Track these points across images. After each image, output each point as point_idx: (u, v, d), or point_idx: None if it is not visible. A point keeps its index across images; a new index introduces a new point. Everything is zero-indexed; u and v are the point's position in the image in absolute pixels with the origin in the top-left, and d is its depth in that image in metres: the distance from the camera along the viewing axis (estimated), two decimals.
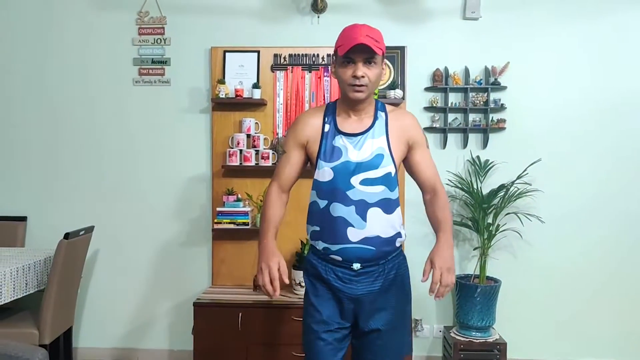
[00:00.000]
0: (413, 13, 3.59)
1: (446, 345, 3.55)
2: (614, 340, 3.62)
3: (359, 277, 1.98)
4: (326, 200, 1.97)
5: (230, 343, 3.23)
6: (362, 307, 2.01)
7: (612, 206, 3.59)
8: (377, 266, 1.98)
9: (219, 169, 3.60)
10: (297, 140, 2.03)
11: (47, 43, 3.72)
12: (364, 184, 1.93)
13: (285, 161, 2.06)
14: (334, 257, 1.98)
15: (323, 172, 1.96)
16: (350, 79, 1.89)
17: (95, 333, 3.77)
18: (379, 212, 1.94)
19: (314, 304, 2.03)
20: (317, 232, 2.01)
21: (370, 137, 1.96)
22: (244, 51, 3.59)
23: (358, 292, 1.98)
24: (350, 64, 1.89)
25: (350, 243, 1.94)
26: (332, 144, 1.97)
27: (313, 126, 2.02)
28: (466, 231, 3.61)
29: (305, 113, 2.11)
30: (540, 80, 3.57)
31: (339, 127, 1.99)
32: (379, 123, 1.99)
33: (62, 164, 3.75)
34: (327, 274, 2.00)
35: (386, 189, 1.95)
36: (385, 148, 1.96)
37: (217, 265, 3.66)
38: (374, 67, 1.91)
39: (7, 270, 2.91)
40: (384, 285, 2.00)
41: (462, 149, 3.62)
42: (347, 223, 1.93)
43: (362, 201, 1.93)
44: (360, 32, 1.86)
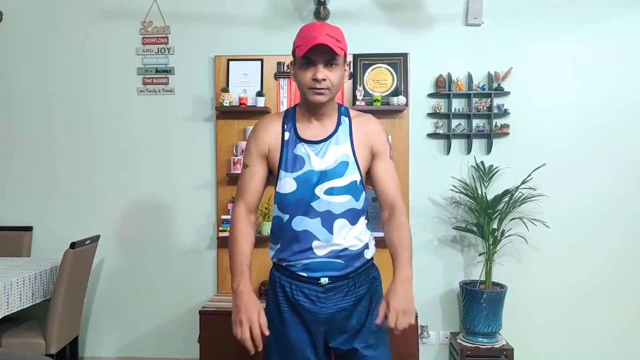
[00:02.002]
0: (415, 20, 3.60)
1: (453, 352, 3.54)
2: (623, 346, 3.59)
3: (328, 293, 1.83)
4: (289, 214, 1.83)
5: (236, 352, 3.19)
6: (333, 327, 1.86)
7: (618, 210, 3.57)
8: (346, 280, 1.84)
9: (224, 177, 3.61)
10: (259, 151, 1.87)
11: (52, 53, 3.74)
12: (329, 194, 1.80)
13: (249, 176, 1.88)
14: (300, 273, 1.84)
15: (285, 183, 1.82)
16: (310, 82, 1.76)
17: (102, 342, 3.77)
18: (345, 223, 1.82)
19: (279, 327, 1.87)
20: (279, 249, 1.87)
21: (333, 143, 1.83)
22: (247, 59, 3.60)
23: (328, 310, 1.83)
24: (310, 65, 1.76)
25: (316, 257, 1.81)
26: (293, 153, 1.83)
27: (272, 134, 1.86)
28: (471, 237, 3.60)
29: (263, 120, 1.94)
30: (543, 85, 3.57)
31: (300, 134, 1.85)
32: (342, 128, 1.85)
33: (67, 173, 3.76)
34: (293, 292, 1.85)
35: (352, 199, 1.83)
36: (350, 155, 1.83)
37: (223, 273, 3.65)
38: (336, 69, 1.77)
39: (14, 280, 2.91)
40: (355, 300, 1.86)
41: (466, 154, 3.62)
42: (312, 237, 1.80)
43: (328, 212, 1.80)
44: (320, 31, 1.73)
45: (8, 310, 2.88)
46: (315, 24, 1.81)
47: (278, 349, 1.90)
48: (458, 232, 3.60)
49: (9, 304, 2.88)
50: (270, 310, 1.91)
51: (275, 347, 1.91)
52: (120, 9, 3.69)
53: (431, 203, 3.59)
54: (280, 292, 1.89)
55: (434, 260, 3.65)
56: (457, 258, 3.64)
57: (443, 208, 3.61)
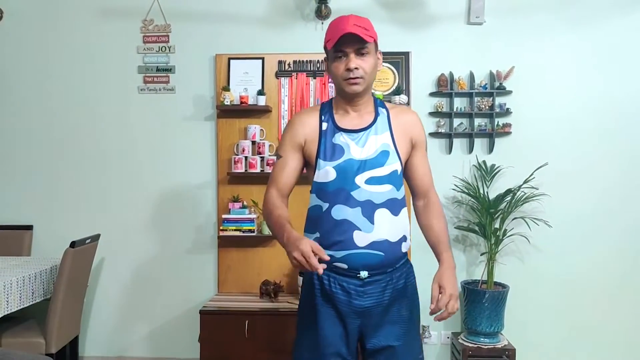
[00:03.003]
0: (417, 18, 3.59)
1: (454, 352, 3.53)
2: (625, 346, 3.58)
3: (366, 287, 1.81)
4: (328, 203, 1.81)
5: (237, 351, 3.21)
6: (369, 321, 1.84)
7: (620, 210, 3.56)
8: (384, 274, 1.83)
9: (225, 176, 3.60)
10: (294, 142, 1.88)
11: (52, 51, 3.73)
12: (370, 183, 1.79)
13: (282, 165, 1.89)
14: (338, 265, 1.80)
15: (324, 172, 1.81)
16: (344, 72, 1.78)
17: (102, 342, 3.76)
18: (386, 213, 1.80)
19: (313, 321, 1.86)
20: (317, 239, 1.82)
21: (373, 133, 1.83)
22: (248, 58, 3.59)
23: (365, 304, 1.82)
24: (342, 57, 1.78)
25: (357, 248, 1.78)
26: (332, 142, 1.83)
27: (310, 125, 1.87)
28: (473, 236, 3.59)
29: (300, 113, 1.97)
30: (545, 84, 3.56)
31: (338, 123, 1.85)
32: (380, 119, 1.86)
33: (68, 172, 3.75)
34: (331, 285, 1.83)
35: (393, 188, 1.82)
36: (390, 144, 1.84)
37: (223, 272, 3.65)
38: (368, 57, 1.80)
39: (14, 279, 2.90)
40: (393, 295, 1.85)
41: (468, 153, 3.60)
42: (353, 226, 1.78)
43: (369, 202, 1.78)
44: (348, 22, 1.76)
45: (8, 309, 2.87)
46: (342, 17, 1.81)
47: (309, 343, 1.88)
48: (460, 231, 3.59)
49: (8, 303, 2.87)
50: (304, 305, 1.92)
51: (306, 341, 1.89)
52: (121, 7, 3.68)
53: None
54: (317, 285, 1.87)
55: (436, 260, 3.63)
56: (459, 258, 3.63)
57: (445, 207, 3.56)
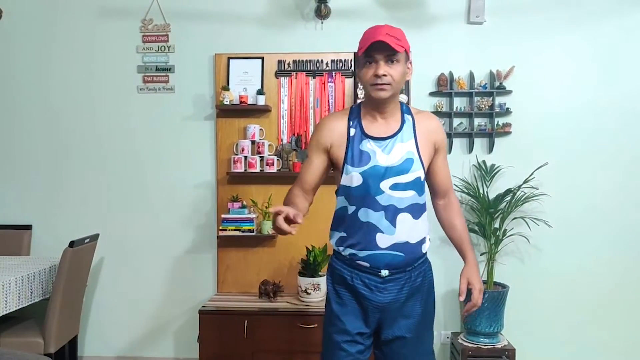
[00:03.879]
0: (417, 18, 3.58)
1: (454, 352, 3.52)
2: (625, 346, 3.58)
3: (386, 284, 1.94)
4: (355, 206, 1.93)
5: (236, 351, 3.21)
6: (388, 315, 1.98)
7: (621, 209, 3.55)
8: (404, 273, 1.96)
9: (224, 175, 3.59)
10: (320, 146, 1.98)
11: (51, 51, 3.73)
12: (394, 189, 1.90)
13: (307, 166, 2.02)
14: (361, 263, 1.94)
15: (351, 177, 1.92)
16: (372, 78, 1.85)
17: (101, 341, 3.76)
18: (408, 217, 1.92)
19: (337, 312, 2.00)
20: (343, 237, 1.98)
21: (399, 140, 1.92)
22: (248, 57, 3.59)
23: (385, 300, 1.95)
24: (372, 63, 1.86)
25: (379, 249, 1.91)
26: (359, 149, 1.92)
27: (337, 130, 1.96)
28: (473, 236, 3.58)
29: (329, 117, 2.06)
30: (545, 84, 3.55)
31: (366, 130, 1.94)
32: (406, 126, 1.95)
33: (67, 172, 3.75)
34: (354, 280, 1.96)
35: (416, 194, 1.94)
36: (414, 152, 1.92)
37: (223, 272, 3.64)
38: (397, 66, 1.86)
39: (12, 279, 2.90)
40: (410, 292, 1.98)
41: (468, 153, 3.60)
42: (376, 229, 1.90)
43: (392, 206, 1.90)
44: (380, 32, 1.83)
45: (7, 309, 2.87)
46: (377, 26, 1.89)
47: (333, 331, 2.00)
48: None
49: (7, 302, 2.87)
50: (330, 297, 2.04)
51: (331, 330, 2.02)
52: (121, 7, 3.67)
53: None
54: (340, 281, 2.00)
55: (435, 259, 3.57)
56: (459, 258, 3.58)
57: None
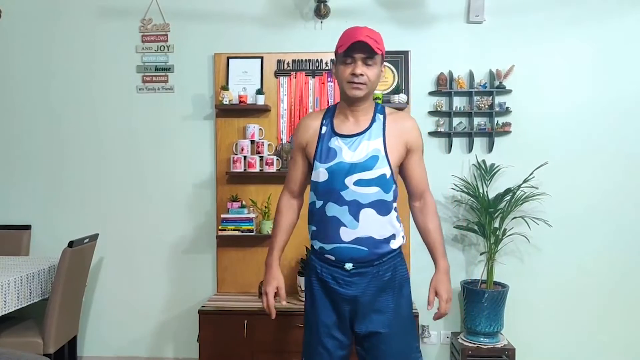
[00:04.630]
0: (417, 17, 3.58)
1: (454, 352, 3.52)
2: (625, 346, 3.57)
3: (353, 277, 2.02)
4: (322, 200, 2.02)
5: (235, 351, 3.21)
6: (358, 308, 2.04)
7: (621, 209, 3.55)
8: (371, 267, 2.01)
9: (223, 175, 3.59)
10: (298, 145, 2.11)
11: (50, 51, 3.72)
12: (358, 185, 1.96)
13: (292, 166, 2.15)
14: (328, 256, 2.03)
15: (318, 173, 2.02)
16: (349, 76, 1.93)
17: (100, 342, 3.75)
18: (372, 213, 1.98)
19: (311, 305, 2.11)
20: (314, 231, 2.08)
21: (366, 138, 1.99)
22: (247, 57, 3.58)
23: (352, 293, 2.02)
24: (350, 63, 1.93)
25: (342, 243, 1.99)
26: (328, 145, 2.02)
27: (311, 129, 2.07)
28: (472, 236, 3.58)
29: (306, 117, 2.16)
30: (545, 83, 3.55)
31: (335, 128, 2.03)
32: (376, 125, 2.01)
33: (66, 172, 3.74)
34: (323, 274, 2.06)
35: (380, 191, 1.98)
36: (381, 150, 1.98)
37: (222, 272, 3.64)
38: (374, 67, 1.94)
39: (11, 279, 2.89)
40: (379, 286, 2.03)
41: (468, 153, 3.60)
42: (340, 223, 1.98)
43: (355, 201, 1.97)
44: (361, 32, 1.91)
45: (6, 309, 2.86)
46: (357, 27, 1.96)
47: (309, 324, 2.13)
48: (459, 231, 3.58)
49: (6, 303, 2.86)
50: (306, 292, 2.15)
51: (308, 327, 2.14)
52: (120, 6, 3.67)
53: None
54: (313, 273, 2.10)
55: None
56: (459, 257, 3.62)
57: (444, 207, 3.59)
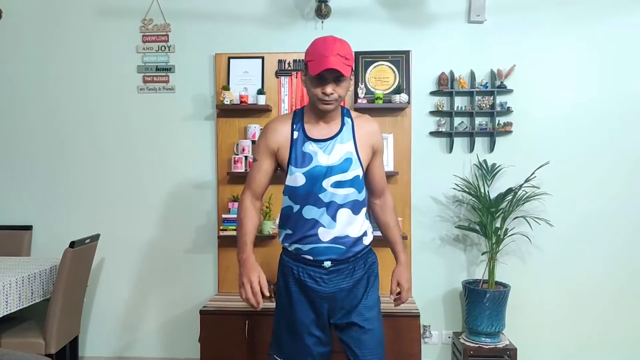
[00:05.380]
0: (417, 17, 3.57)
1: (455, 352, 3.52)
2: (627, 345, 3.57)
3: (330, 275, 2.08)
4: (299, 205, 2.06)
5: (237, 351, 3.20)
6: (335, 304, 2.11)
7: (623, 208, 3.54)
8: (347, 264, 2.10)
9: (225, 175, 3.59)
10: (267, 148, 2.10)
11: (51, 51, 3.72)
12: (335, 187, 2.03)
13: (257, 169, 2.13)
14: (305, 256, 2.08)
15: (295, 178, 2.05)
16: (320, 94, 1.98)
17: (102, 342, 3.75)
18: (347, 212, 2.06)
19: (287, 304, 2.14)
20: (289, 234, 2.11)
21: (339, 142, 2.06)
22: (248, 57, 3.58)
23: (329, 290, 2.09)
24: (320, 81, 1.97)
25: (321, 243, 2.05)
26: (302, 150, 2.05)
27: (282, 133, 2.09)
28: (474, 236, 3.58)
29: (274, 121, 2.17)
30: (546, 83, 3.54)
31: (308, 133, 2.07)
32: (346, 129, 2.08)
33: (67, 172, 3.74)
34: (300, 274, 2.10)
35: (355, 191, 2.07)
36: (353, 152, 2.06)
37: (223, 272, 3.63)
38: (344, 83, 1.99)
39: (13, 280, 2.90)
40: (355, 281, 2.11)
41: (469, 152, 3.59)
42: (318, 224, 2.04)
43: (333, 203, 2.04)
44: (332, 51, 1.92)
45: (7, 309, 2.86)
46: (327, 41, 1.97)
47: (286, 324, 2.16)
48: (461, 231, 3.58)
49: (8, 303, 2.86)
50: (280, 290, 2.19)
51: (284, 322, 2.17)
52: (121, 7, 3.67)
53: (433, 202, 3.57)
54: (289, 274, 2.14)
55: (437, 259, 3.63)
56: (460, 257, 3.62)
57: (445, 207, 3.59)
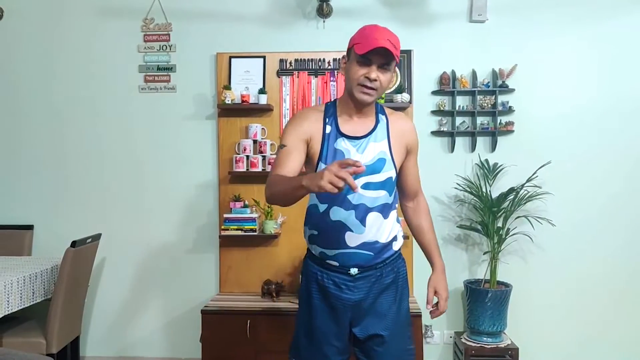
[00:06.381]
0: (419, 16, 3.57)
1: (457, 351, 3.51)
2: (630, 345, 3.56)
3: (357, 282, 1.94)
4: (326, 204, 1.91)
5: (238, 351, 3.20)
6: (359, 313, 1.97)
7: (625, 207, 3.54)
8: (374, 270, 1.95)
9: (226, 175, 3.58)
10: (299, 135, 1.89)
11: (52, 50, 3.72)
12: (366, 188, 1.88)
13: (286, 154, 1.86)
14: (330, 262, 1.94)
15: None
16: (362, 78, 1.82)
17: (103, 342, 3.75)
18: (378, 216, 1.91)
19: (308, 313, 2.01)
20: (314, 235, 1.97)
21: (372, 140, 1.91)
22: (249, 57, 3.58)
23: (355, 297, 1.94)
24: (366, 64, 1.82)
25: (348, 248, 1.91)
26: (334, 147, 1.90)
27: (316, 124, 1.91)
28: (476, 235, 3.57)
29: (306, 110, 2.01)
30: (548, 82, 3.54)
31: (341, 129, 1.92)
32: (380, 126, 1.94)
33: (69, 172, 3.74)
34: (324, 280, 1.96)
35: (387, 194, 1.92)
36: (387, 152, 1.92)
37: (225, 272, 3.63)
38: (388, 73, 1.85)
39: (14, 279, 2.89)
40: (381, 289, 1.97)
41: (471, 152, 3.59)
42: (345, 227, 1.89)
43: (363, 205, 1.89)
44: (382, 35, 1.80)
45: (9, 309, 2.86)
46: (378, 27, 1.85)
47: (305, 330, 2.03)
48: (462, 230, 3.57)
49: (9, 303, 2.86)
50: (302, 298, 2.05)
51: (303, 328, 2.04)
52: (122, 6, 3.67)
53: (435, 201, 3.56)
54: (312, 280, 2.00)
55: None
56: (462, 257, 3.61)
57: (447, 206, 3.58)
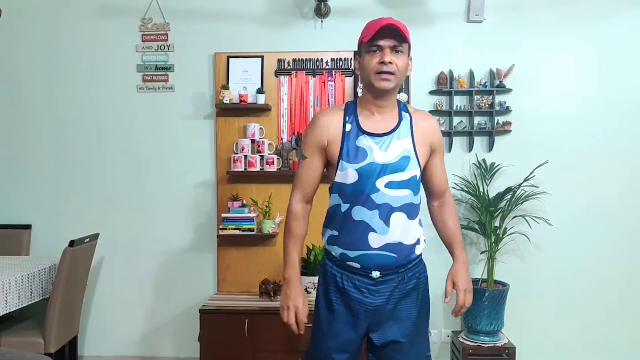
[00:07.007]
0: (417, 16, 3.57)
1: (454, 350, 3.52)
2: (626, 344, 3.58)
3: (378, 286, 1.88)
4: (348, 204, 1.86)
5: (236, 350, 3.21)
6: (379, 318, 1.91)
7: (621, 208, 3.55)
8: (396, 274, 1.89)
9: (224, 174, 3.59)
10: (317, 143, 1.89)
11: (50, 50, 3.72)
12: (389, 187, 1.83)
13: (308, 167, 1.92)
14: (351, 264, 1.88)
15: (346, 174, 1.84)
16: (377, 65, 1.79)
17: (101, 341, 3.75)
18: (402, 217, 1.86)
19: (326, 319, 1.94)
20: (335, 236, 1.91)
21: (396, 137, 1.86)
22: (247, 56, 3.58)
23: (376, 302, 1.89)
24: (377, 51, 1.80)
25: (370, 249, 1.84)
26: (355, 144, 1.84)
27: (333, 126, 1.88)
28: (473, 235, 3.58)
29: (324, 112, 1.97)
30: (545, 82, 3.55)
31: (362, 126, 1.86)
32: (404, 124, 1.89)
33: (67, 171, 3.74)
34: (344, 282, 1.90)
35: (411, 193, 1.87)
36: (411, 150, 1.86)
37: (223, 271, 3.64)
38: (402, 56, 1.82)
39: (12, 279, 2.89)
40: (403, 294, 1.92)
41: (468, 152, 3.60)
42: (368, 228, 1.84)
43: (387, 205, 1.83)
44: (388, 19, 1.80)
45: (6, 308, 2.86)
46: (381, 18, 1.84)
47: (321, 334, 1.96)
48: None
49: (7, 302, 2.86)
50: (320, 300, 1.97)
51: (318, 332, 1.98)
52: (120, 5, 3.66)
53: None
54: (331, 282, 1.93)
55: (436, 258, 3.61)
56: None
57: None
